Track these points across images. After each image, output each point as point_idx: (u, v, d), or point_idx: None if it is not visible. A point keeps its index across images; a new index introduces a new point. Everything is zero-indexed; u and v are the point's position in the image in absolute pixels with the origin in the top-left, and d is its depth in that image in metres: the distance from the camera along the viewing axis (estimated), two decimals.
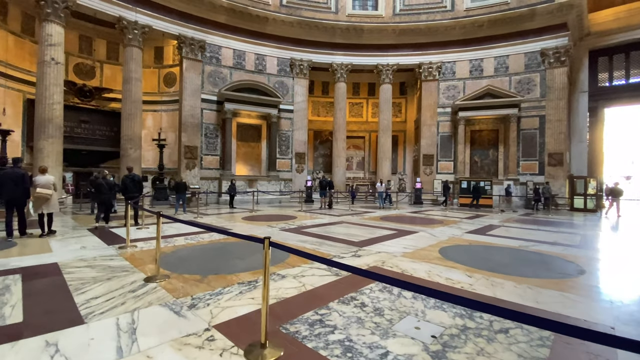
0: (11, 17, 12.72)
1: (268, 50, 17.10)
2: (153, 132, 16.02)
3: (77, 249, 5.04)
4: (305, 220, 8.98)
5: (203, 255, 4.76)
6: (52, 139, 11.39)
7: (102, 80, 15.90)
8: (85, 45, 15.39)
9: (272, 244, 2.25)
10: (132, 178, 8.27)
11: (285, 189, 17.16)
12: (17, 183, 5.86)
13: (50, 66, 11.48)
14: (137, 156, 13.76)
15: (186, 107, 15.03)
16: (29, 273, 3.71)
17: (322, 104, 21.36)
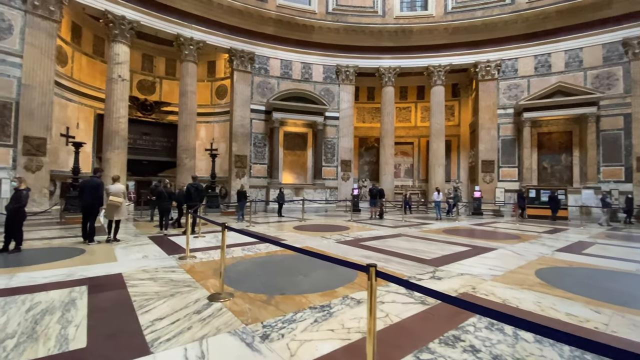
0: (84, 40, 14.08)
1: (314, 58, 17.04)
2: (206, 143, 16.64)
3: (140, 258, 4.99)
4: (359, 231, 8.40)
5: (264, 270, 4.41)
6: (118, 150, 12.21)
7: (161, 95, 16.96)
8: (147, 63, 16.58)
9: (378, 273, 1.74)
10: (196, 187, 8.39)
11: (330, 197, 16.74)
12: (94, 191, 6.29)
13: (117, 83, 12.40)
14: (192, 165, 14.29)
15: (236, 117, 15.40)
16: (95, 284, 3.62)
17: (367, 110, 20.77)
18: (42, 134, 10.50)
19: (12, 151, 10.01)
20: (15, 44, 10.15)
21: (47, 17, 10.76)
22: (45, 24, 10.72)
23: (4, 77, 9.91)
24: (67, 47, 12.99)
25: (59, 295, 3.21)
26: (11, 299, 3.09)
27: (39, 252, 5.40)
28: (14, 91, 10.10)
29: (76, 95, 13.55)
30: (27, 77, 10.28)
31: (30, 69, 10.36)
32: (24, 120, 10.18)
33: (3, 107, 9.88)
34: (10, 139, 9.97)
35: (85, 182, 6.56)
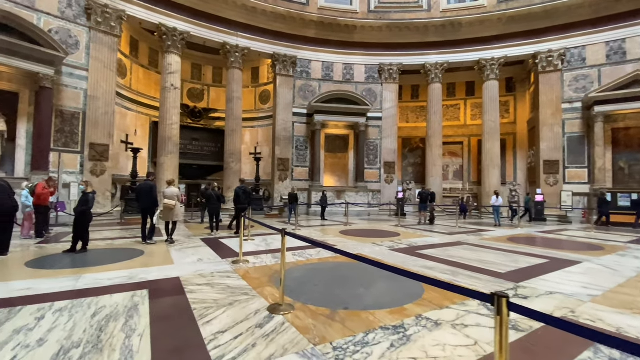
0: (141, 53, 15.11)
1: (356, 58, 16.69)
2: (250, 147, 17.00)
3: (195, 261, 4.98)
4: (412, 238, 7.83)
5: (320, 279, 4.13)
6: (171, 154, 12.84)
7: (209, 102, 17.69)
8: (196, 72, 17.40)
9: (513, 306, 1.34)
10: (244, 190, 8.46)
11: (373, 200, 16.18)
12: (148, 194, 6.58)
13: (170, 91, 13.07)
14: (238, 169, 14.62)
15: (279, 121, 15.53)
16: (155, 288, 3.58)
17: (411, 109, 19.91)
18: (105, 141, 11.33)
19: (79, 157, 10.91)
20: (81, 58, 11.08)
21: (109, 33, 11.64)
22: (107, 39, 11.60)
23: (72, 89, 10.85)
24: (126, 60, 14.01)
25: (122, 300, 3.19)
26: (78, 302, 3.12)
27: (103, 252, 5.65)
28: (81, 102, 11.02)
29: (134, 105, 14.55)
30: (92, 88, 11.18)
31: (95, 81, 11.25)
32: (89, 128, 11.06)
33: (72, 117, 10.82)
34: (78, 145, 10.88)
35: (140, 185, 6.87)
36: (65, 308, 2.94)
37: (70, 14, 10.86)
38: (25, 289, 3.49)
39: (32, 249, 5.86)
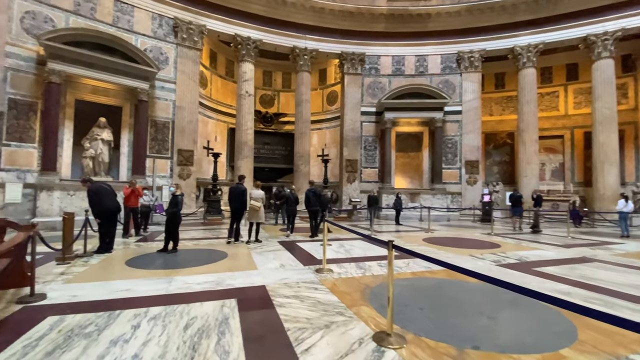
0: (219, 64, 16.17)
1: (430, 49, 15.36)
2: (317, 149, 16.92)
3: (277, 267, 4.73)
4: (518, 251, 6.53)
5: (425, 300, 3.43)
6: (247, 158, 13.36)
7: (279, 107, 18.17)
8: (266, 79, 18.04)
9: None
10: (314, 192, 8.21)
11: (453, 204, 14.59)
12: (240, 197, 6.89)
13: (245, 98, 13.63)
14: (307, 171, 14.59)
15: (347, 121, 15.08)
16: (242, 298, 3.33)
17: (495, 101, 17.62)
18: (190, 147, 12.25)
19: (169, 162, 11.96)
20: (170, 72, 12.17)
21: (192, 47, 12.59)
22: (191, 53, 12.56)
23: (163, 100, 11.96)
24: (206, 72, 15.11)
25: (212, 310, 2.98)
26: (170, 309, 3.00)
27: (191, 253, 5.81)
28: (170, 112, 12.09)
29: (214, 113, 15.62)
30: (179, 99, 12.19)
31: (182, 93, 12.25)
32: (177, 136, 12.07)
33: (163, 126, 11.92)
34: (168, 152, 11.94)
35: (233, 188, 7.09)
36: (159, 316, 2.82)
37: (161, 33, 12.03)
38: (125, 290, 3.56)
39: (132, 247, 6.35)
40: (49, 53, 9.08)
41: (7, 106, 8.95)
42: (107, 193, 5.77)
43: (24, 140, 9.22)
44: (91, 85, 10.31)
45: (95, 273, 4.33)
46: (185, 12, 12.40)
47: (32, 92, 9.33)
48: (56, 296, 3.31)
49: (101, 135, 10.27)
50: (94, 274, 4.26)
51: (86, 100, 10.34)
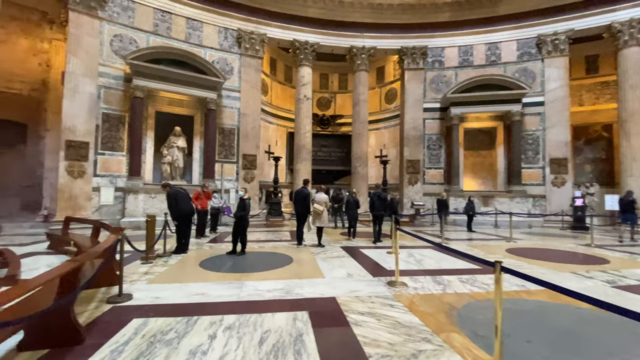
0: (278, 71, 16.66)
1: (503, 35, 13.77)
2: (375, 149, 16.37)
3: (345, 276, 4.46)
4: (636, 269, 5.30)
5: (529, 329, 2.84)
6: (305, 161, 13.46)
7: (336, 109, 18.07)
8: (323, 81, 18.08)
9: None
10: (379, 195, 7.83)
11: (535, 208, 12.79)
12: (304, 200, 6.88)
13: (303, 102, 13.75)
14: (365, 173, 14.16)
15: (407, 120, 14.28)
16: (314, 311, 3.13)
17: (586, 88, 15.10)
18: (254, 152, 12.75)
19: (235, 166, 12.59)
20: (235, 81, 12.81)
21: (254, 56, 13.10)
22: (253, 62, 13.09)
23: (229, 109, 12.64)
24: (267, 79, 15.66)
25: (285, 323, 2.82)
26: (243, 319, 2.92)
27: (257, 256, 5.87)
28: (236, 119, 12.72)
29: (274, 118, 16.13)
30: (243, 107, 12.77)
31: (245, 100, 12.82)
32: (242, 141, 12.65)
33: (229, 133, 12.59)
34: (234, 157, 12.58)
35: (297, 192, 7.15)
36: (234, 326, 2.75)
37: (226, 45, 12.75)
38: (200, 294, 3.62)
39: (204, 248, 6.68)
40: (133, 71, 10.20)
41: (102, 120, 10.27)
42: (183, 197, 6.14)
43: (115, 149, 10.49)
44: (168, 97, 11.33)
45: (173, 274, 4.56)
46: (248, 22, 12.96)
47: (120, 106, 10.58)
48: (141, 297, 3.49)
49: (177, 143, 11.21)
50: (172, 275, 4.48)
51: (164, 112, 11.40)
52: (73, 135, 9.70)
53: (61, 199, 9.57)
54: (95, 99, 10.15)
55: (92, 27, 10.15)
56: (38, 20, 11.50)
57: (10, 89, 10.92)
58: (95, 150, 10.14)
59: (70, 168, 9.66)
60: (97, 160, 10.21)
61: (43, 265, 4.84)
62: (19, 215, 11.23)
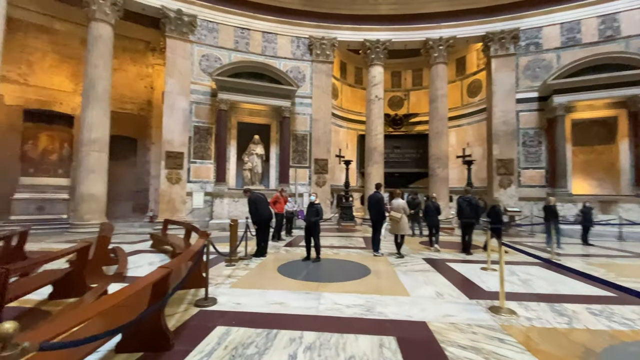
0: (348, 73, 16.49)
1: (622, 2, 11.15)
2: (457, 149, 14.89)
3: (433, 295, 3.91)
4: None
5: None
6: (377, 164, 12.93)
7: (409, 107, 17.07)
8: (395, 80, 17.28)
9: None
10: (469, 200, 6.95)
11: None
12: (377, 205, 6.54)
13: (375, 103, 13.27)
14: (445, 175, 12.93)
15: (496, 113, 12.59)
16: (403, 338, 2.71)
17: None
18: (325, 156, 12.77)
19: (308, 171, 12.78)
20: (307, 88, 13.05)
21: (325, 61, 13.17)
22: (324, 67, 13.16)
23: (301, 115, 12.91)
24: (337, 83, 15.63)
25: (370, 350, 2.49)
26: (324, 338, 2.68)
27: (333, 264, 5.66)
28: (308, 125, 12.93)
29: (344, 122, 15.99)
30: (315, 112, 12.92)
31: (317, 106, 12.95)
32: (314, 146, 12.79)
33: (302, 139, 12.85)
34: (307, 162, 12.78)
35: (370, 197, 6.82)
36: (314, 347, 2.52)
37: (299, 53, 13.09)
38: (279, 303, 3.53)
39: (281, 252, 6.77)
40: (218, 86, 11.15)
41: (193, 132, 11.48)
42: (263, 202, 6.33)
43: (204, 158, 11.61)
44: (248, 108, 12.14)
45: (253, 279, 4.62)
46: (318, 29, 13.11)
47: (208, 119, 11.69)
48: (224, 301, 3.55)
49: (256, 150, 11.88)
50: (252, 280, 4.54)
51: (245, 122, 12.23)
52: (171, 147, 11.05)
53: (162, 202, 10.95)
54: (188, 114, 11.40)
55: (185, 50, 11.46)
56: (143, 49, 13.52)
57: (123, 110, 13.04)
58: (188, 159, 11.38)
59: (169, 175, 11.00)
60: (190, 168, 11.42)
61: (145, 263, 5.43)
62: (131, 216, 13.27)
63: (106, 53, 10.21)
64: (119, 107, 12.61)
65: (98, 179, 10.01)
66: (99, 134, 10.01)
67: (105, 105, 10.18)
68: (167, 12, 11.08)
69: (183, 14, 11.31)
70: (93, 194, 9.90)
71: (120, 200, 13.23)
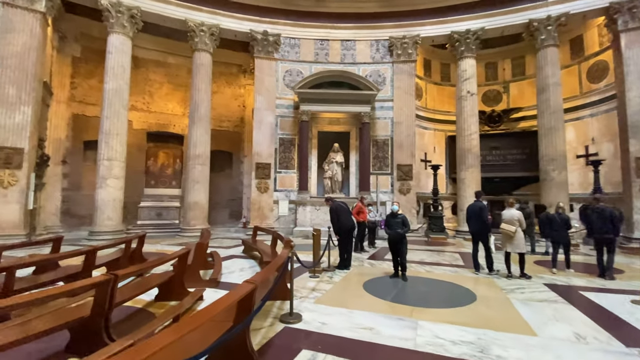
0: (433, 71, 15.23)
1: None
2: (577, 147, 12.22)
3: (571, 337, 2.97)
4: None
5: None
6: (472, 168, 11.46)
7: (509, 102, 14.83)
8: (490, 72, 15.27)
9: None
10: (600, 211, 5.46)
11: None
12: (478, 216, 5.72)
13: (467, 99, 11.87)
14: (562, 179, 10.67)
15: (632, 100, 9.91)
16: None
17: None
18: (409, 161, 11.92)
19: (390, 178, 12.11)
20: (387, 91, 12.47)
21: (407, 61, 12.40)
22: (405, 67, 12.41)
23: (382, 120, 12.38)
24: (420, 82, 14.58)
25: None
26: None
27: (426, 284, 5.00)
28: (389, 129, 12.32)
29: (430, 123, 14.78)
30: (396, 115, 12.23)
31: (399, 108, 12.25)
32: (396, 151, 12.08)
33: (383, 144, 12.29)
34: (388, 168, 12.15)
35: (471, 207, 6.00)
36: None
37: (378, 56, 12.66)
38: (368, 328, 3.14)
39: (365, 265, 6.37)
40: (300, 98, 11.52)
41: (278, 144, 12.09)
42: (344, 211, 6.08)
43: (288, 168, 12.10)
44: (328, 117, 12.25)
45: (338, 294, 4.35)
46: (398, 28, 12.48)
47: (291, 130, 12.17)
48: (309, 319, 3.35)
49: (335, 158, 11.83)
50: (337, 296, 4.27)
51: (325, 131, 12.36)
52: (260, 158, 11.83)
53: (253, 209, 11.76)
54: (274, 127, 12.08)
55: (270, 68, 12.24)
56: (236, 72, 15.00)
57: (221, 127, 14.61)
58: (274, 170, 12.01)
59: (259, 185, 11.76)
60: (276, 177, 12.03)
61: (237, 269, 5.71)
62: (228, 221, 14.67)
63: (206, 78, 11.61)
64: (217, 125, 14.19)
65: (201, 189, 11.32)
66: (202, 150, 11.36)
67: (206, 125, 11.54)
68: (255, 34, 12.02)
69: (268, 35, 12.12)
70: (197, 202, 11.22)
71: (219, 208, 14.78)
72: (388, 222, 5.54)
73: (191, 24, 11.32)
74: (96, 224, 9.88)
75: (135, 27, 10.76)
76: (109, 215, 9.95)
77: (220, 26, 11.75)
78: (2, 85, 8.72)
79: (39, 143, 10.19)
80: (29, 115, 9.00)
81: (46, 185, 11.16)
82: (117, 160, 10.19)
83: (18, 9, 8.95)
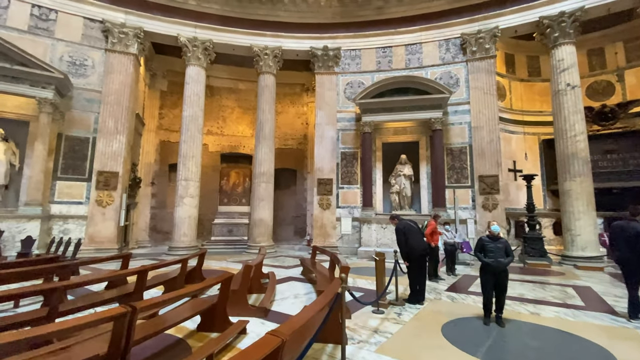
0: (518, 66, 13.10)
1: None
2: None
3: None
4: None
5: None
6: (580, 177, 9.16)
7: (625, 93, 11.82)
8: (595, 60, 12.49)
9: None
10: None
11: None
12: (633, 241, 4.20)
13: (566, 94, 9.74)
14: None
15: None
16: None
17: None
18: (494, 172, 10.15)
19: (470, 191, 10.45)
20: (462, 93, 11.02)
21: (484, 57, 10.83)
22: (483, 64, 10.85)
23: (457, 125, 10.92)
24: (503, 80, 12.64)
25: None
26: None
27: (534, 334, 3.69)
28: (466, 136, 10.77)
29: (518, 126, 12.61)
30: (474, 119, 10.66)
31: (477, 111, 10.67)
32: (476, 160, 10.43)
33: (459, 152, 10.77)
34: (467, 180, 10.51)
35: (620, 227, 4.49)
36: None
37: (449, 56, 11.39)
38: None
39: (443, 299, 5.22)
40: (361, 109, 10.92)
41: (340, 158, 11.59)
42: (414, 232, 5.11)
43: (351, 183, 11.45)
44: (393, 127, 11.35)
45: (408, 342, 3.41)
46: (472, 23, 11.09)
47: (353, 143, 11.58)
48: None
49: (403, 171, 10.76)
50: (407, 345, 3.34)
51: (390, 142, 11.45)
52: (321, 174, 11.47)
53: (315, 227, 11.35)
54: (335, 141, 11.67)
55: (331, 82, 12.01)
56: (299, 91, 15.26)
57: (286, 146, 14.86)
58: (337, 185, 11.49)
59: (321, 201, 11.36)
60: (339, 193, 11.47)
61: (291, 295, 5.19)
62: (292, 238, 14.56)
63: (270, 99, 11.91)
64: (282, 144, 14.47)
65: (266, 206, 11.41)
66: (266, 168, 11.53)
67: (270, 143, 11.74)
68: (315, 51, 12.01)
69: (328, 49, 11.98)
70: (262, 219, 11.31)
71: (284, 225, 14.82)
72: (485, 247, 4.26)
73: (256, 48, 11.85)
74: (174, 240, 10.62)
75: (208, 58, 11.71)
76: (185, 232, 10.60)
77: (283, 47, 12.06)
78: (104, 119, 10.18)
79: (132, 167, 11.59)
80: (123, 143, 10.28)
81: (138, 204, 12.59)
82: (193, 180, 10.92)
83: (116, 53, 10.49)
